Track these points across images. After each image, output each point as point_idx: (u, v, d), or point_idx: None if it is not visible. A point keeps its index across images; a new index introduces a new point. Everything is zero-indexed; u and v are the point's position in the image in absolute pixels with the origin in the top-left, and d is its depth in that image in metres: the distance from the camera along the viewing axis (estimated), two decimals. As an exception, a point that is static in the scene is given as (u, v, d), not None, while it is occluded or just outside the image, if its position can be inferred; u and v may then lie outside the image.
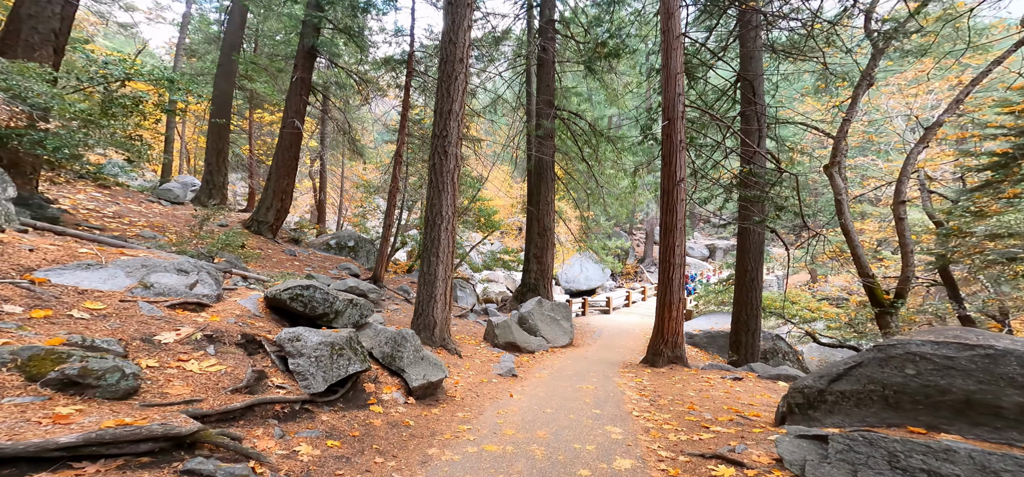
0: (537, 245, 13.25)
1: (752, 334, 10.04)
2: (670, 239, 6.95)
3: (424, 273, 5.87)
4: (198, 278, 3.79)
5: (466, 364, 5.80)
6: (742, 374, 6.36)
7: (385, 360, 3.83)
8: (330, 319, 3.87)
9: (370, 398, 3.37)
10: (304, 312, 3.76)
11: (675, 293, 6.86)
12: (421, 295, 5.87)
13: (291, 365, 2.89)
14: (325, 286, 3.93)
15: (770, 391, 5.30)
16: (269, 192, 10.70)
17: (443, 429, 3.38)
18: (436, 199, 5.92)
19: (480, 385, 5.03)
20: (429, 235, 5.90)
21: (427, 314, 5.82)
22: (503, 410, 4.14)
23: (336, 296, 3.92)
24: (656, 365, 6.88)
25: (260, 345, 3.06)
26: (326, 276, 8.30)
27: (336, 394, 3.07)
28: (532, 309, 8.87)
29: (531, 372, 6.21)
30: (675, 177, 7.11)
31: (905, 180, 7.86)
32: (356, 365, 3.20)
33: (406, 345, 3.90)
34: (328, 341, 3.05)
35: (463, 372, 5.43)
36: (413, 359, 3.88)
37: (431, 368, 3.97)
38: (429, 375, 3.86)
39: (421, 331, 5.84)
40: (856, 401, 3.00)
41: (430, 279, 5.83)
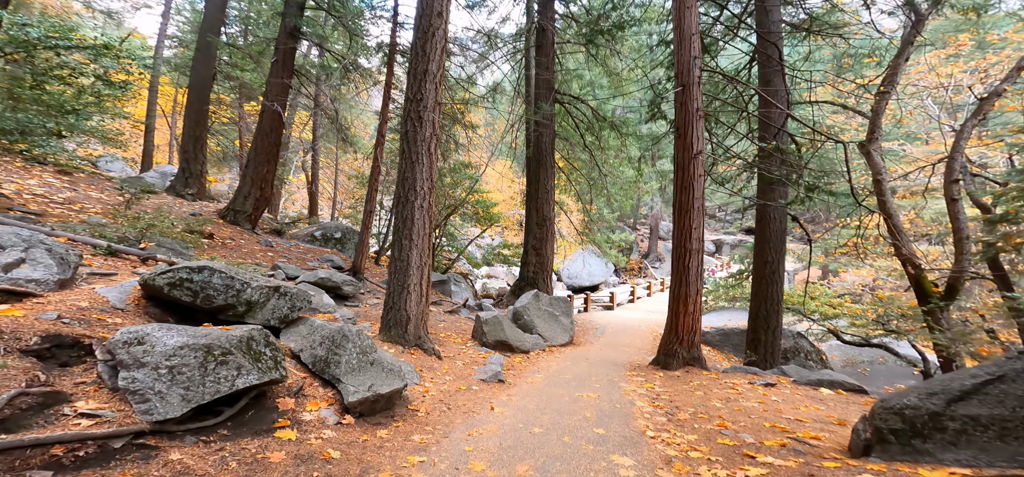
0: (536, 236, 12.20)
1: (773, 332, 8.93)
2: (686, 221, 5.87)
3: (394, 259, 4.86)
4: (25, 256, 2.80)
5: (444, 368, 4.78)
6: (773, 378, 5.27)
7: (317, 366, 2.83)
8: (239, 313, 2.87)
9: (280, 419, 2.37)
10: (194, 303, 2.76)
11: (692, 284, 5.78)
12: (391, 286, 4.86)
13: (121, 381, 1.89)
14: (230, 271, 2.89)
15: (816, 402, 4.21)
16: (246, 180, 9.76)
17: (383, 463, 2.37)
18: (409, 172, 4.90)
19: (456, 395, 4.00)
20: (400, 214, 4.88)
21: (398, 308, 4.81)
22: (478, 430, 3.11)
23: (246, 283, 2.91)
24: (669, 367, 5.81)
25: (88, 352, 2.07)
26: (295, 267, 7.33)
27: (218, 417, 2.08)
28: (527, 303, 7.83)
29: (522, 376, 5.17)
30: (691, 149, 6.02)
31: (958, 156, 6.69)
32: (253, 376, 2.20)
33: (346, 347, 2.89)
34: (201, 344, 2.04)
35: (438, 378, 4.42)
36: (356, 365, 2.87)
37: (383, 376, 2.96)
38: (379, 385, 2.85)
39: (391, 328, 4.83)
40: (999, 431, 1.93)
41: (401, 267, 4.82)
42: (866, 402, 4.28)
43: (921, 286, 6.70)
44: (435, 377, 4.41)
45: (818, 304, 12.46)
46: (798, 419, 3.55)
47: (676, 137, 6.33)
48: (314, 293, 5.58)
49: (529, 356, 6.53)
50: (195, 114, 10.78)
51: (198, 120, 10.82)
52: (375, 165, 8.02)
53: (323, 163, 20.66)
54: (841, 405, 4.12)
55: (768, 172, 7.24)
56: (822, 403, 4.16)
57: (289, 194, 23.54)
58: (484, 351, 6.01)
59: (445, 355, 5.47)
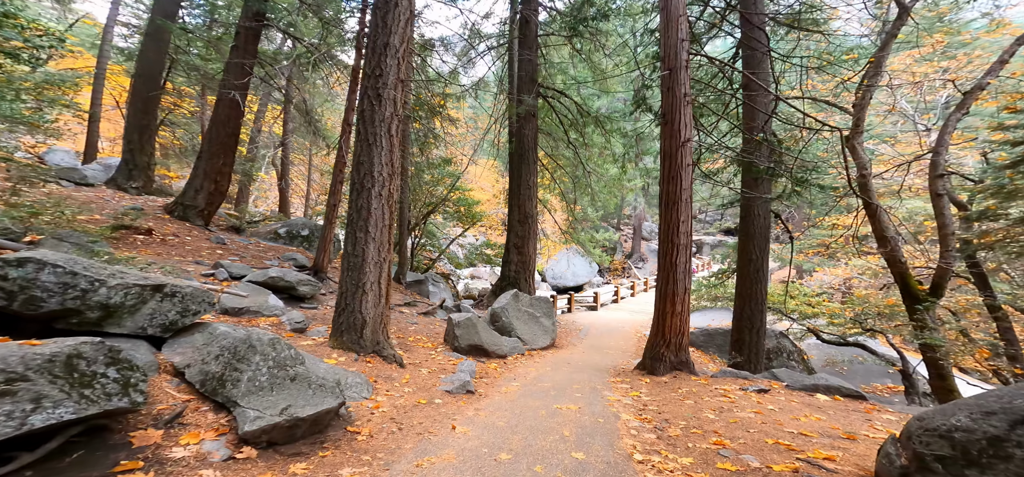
0: (518, 234, 11.66)
1: (757, 332, 8.63)
2: (673, 214, 5.43)
3: (348, 255, 4.20)
4: None
5: (404, 377, 4.15)
6: (765, 383, 4.86)
7: (207, 386, 2.18)
8: (90, 320, 2.16)
9: (128, 460, 1.72)
10: (9, 307, 1.97)
11: (679, 281, 5.34)
12: (344, 285, 4.20)
13: None
14: (75, 265, 2.14)
15: (815, 410, 3.79)
16: (198, 172, 8.84)
17: (288, 519, 1.76)
18: (365, 156, 4.26)
19: (412, 411, 3.39)
20: (355, 204, 4.23)
21: (352, 311, 4.16)
22: (430, 459, 2.52)
23: (99, 281, 2.18)
24: (656, 372, 5.35)
25: None
26: (243, 266, 6.53)
27: (7, 465, 1.43)
28: (506, 304, 7.26)
29: (495, 386, 4.59)
30: (679, 136, 5.59)
31: (943, 151, 6.51)
32: (64, 409, 1.53)
33: (251, 360, 2.24)
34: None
35: (396, 390, 3.79)
36: (267, 382, 2.23)
37: (306, 395, 2.34)
38: (299, 406, 2.23)
39: (343, 333, 4.17)
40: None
41: (356, 263, 4.17)
42: (867, 409, 3.90)
43: (907, 284, 6.49)
44: (392, 389, 3.78)
45: (797, 303, 12.37)
46: (802, 433, 3.10)
47: (662, 124, 5.90)
48: (256, 294, 4.85)
49: (506, 361, 5.96)
50: (141, 101, 9.77)
51: (145, 108, 9.81)
52: (340, 155, 7.30)
53: (297, 160, 19.58)
54: (842, 414, 3.72)
55: (756, 165, 6.91)
56: (822, 412, 3.75)
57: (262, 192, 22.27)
58: (455, 357, 5.40)
59: (410, 362, 4.84)
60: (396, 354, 4.49)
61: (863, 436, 3.03)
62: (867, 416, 3.66)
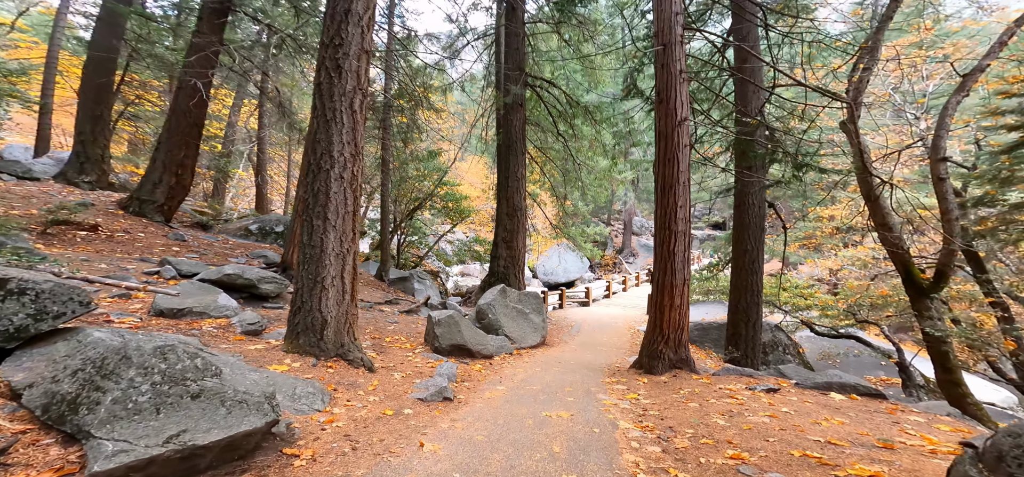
0: (506, 228, 11.13)
1: (753, 325, 8.28)
2: (670, 198, 4.97)
3: (304, 245, 3.62)
4: None
5: (372, 384, 3.59)
6: (772, 381, 4.45)
7: (54, 412, 1.60)
8: None
9: None
10: None
11: (678, 272, 4.88)
12: (301, 281, 3.62)
13: None
14: None
15: (835, 412, 3.37)
16: (156, 165, 8.07)
17: None
18: (322, 134, 3.68)
19: (375, 425, 2.84)
20: (312, 187, 3.65)
21: (309, 309, 3.58)
22: (387, 492, 1.99)
23: None
24: (654, 371, 4.89)
25: None
26: (195, 263, 5.86)
27: None
28: (492, 300, 6.74)
29: (478, 390, 4.06)
30: (675, 115, 5.13)
31: (944, 134, 6.21)
32: None
33: (121, 376, 1.65)
34: None
35: (359, 399, 3.23)
36: (143, 404, 1.65)
37: (211, 416, 1.77)
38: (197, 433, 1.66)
39: (300, 335, 3.59)
40: None
41: (313, 255, 3.58)
42: (889, 409, 3.49)
43: (910, 273, 6.18)
44: (355, 398, 3.22)
45: (789, 295, 12.13)
46: (831, 442, 2.65)
47: (657, 104, 5.43)
48: (202, 294, 4.23)
49: (492, 362, 5.44)
50: (94, 90, 8.94)
51: (98, 97, 8.97)
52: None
53: (277, 156, 18.70)
54: (865, 415, 3.30)
55: (754, 149, 6.52)
56: (842, 414, 3.32)
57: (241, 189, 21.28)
58: (435, 359, 4.85)
59: (383, 365, 4.28)
60: (365, 357, 3.93)
61: (900, 444, 2.60)
62: (893, 418, 3.25)
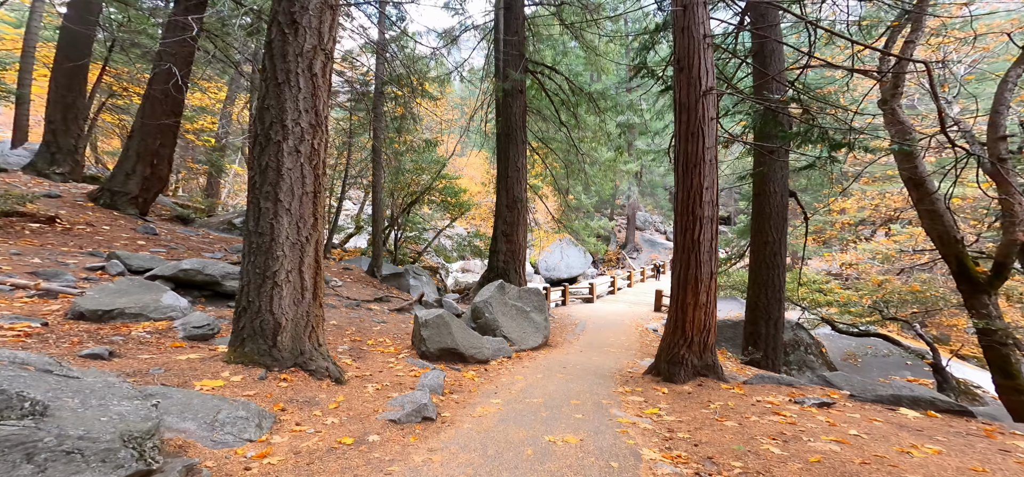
0: (506, 220, 10.41)
1: (775, 324, 7.54)
2: (694, 179, 4.22)
3: (249, 233, 2.91)
4: None
5: (336, 400, 2.89)
6: (820, 392, 3.70)
7: None
8: None
9: None
10: None
11: (703, 265, 4.14)
12: (246, 276, 2.90)
13: None
14: None
15: (919, 436, 2.62)
16: (130, 155, 7.42)
17: None
18: (272, 99, 2.97)
19: (322, 461, 2.13)
20: (258, 163, 2.93)
21: (257, 310, 2.87)
22: None
23: None
24: (675, 379, 4.16)
25: None
26: (150, 257, 5.18)
27: None
28: (489, 298, 6.02)
29: (467, 405, 3.35)
30: (698, 85, 4.38)
31: (1003, 111, 5.38)
32: None
33: None
34: None
35: (313, 423, 2.52)
36: None
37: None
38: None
39: (246, 342, 2.88)
40: None
41: (261, 244, 2.87)
42: (986, 431, 2.75)
43: (963, 266, 5.39)
44: (308, 421, 2.51)
45: (807, 291, 11.33)
46: (943, 491, 1.92)
47: (677, 73, 4.67)
48: (143, 292, 3.54)
49: (487, 368, 4.73)
50: (65, 77, 8.29)
51: (70, 84, 8.33)
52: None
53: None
54: (961, 441, 2.56)
55: (781, 128, 5.74)
56: (931, 439, 2.58)
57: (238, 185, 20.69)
58: (420, 365, 4.15)
59: (358, 374, 3.58)
60: (332, 366, 3.22)
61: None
62: (997, 444, 2.50)
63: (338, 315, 5.73)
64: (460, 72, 13.76)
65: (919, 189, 5.52)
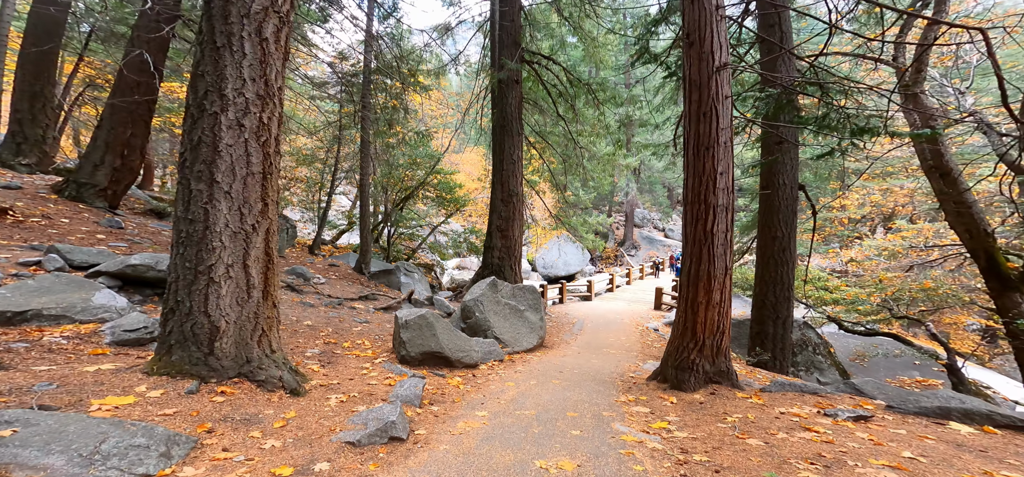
0: (501, 215, 9.92)
1: (783, 323, 7.09)
2: (706, 164, 3.73)
3: (178, 220, 2.40)
4: None
5: (284, 417, 2.39)
6: (849, 401, 3.24)
7: None
8: None
9: None
10: None
11: (717, 259, 3.66)
12: (174, 270, 2.40)
13: None
14: None
15: (994, 462, 2.15)
16: (98, 145, 6.89)
17: None
18: (209, 66, 2.46)
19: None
20: (189, 138, 2.43)
21: (189, 311, 2.37)
22: None
23: None
24: (684, 387, 3.68)
25: None
26: (104, 253, 4.68)
27: None
28: (480, 296, 5.53)
29: (448, 420, 2.87)
30: (711, 60, 3.89)
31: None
32: None
33: None
34: None
35: (243, 448, 2.03)
36: None
37: None
38: None
39: (174, 349, 2.38)
40: None
41: (193, 234, 2.37)
42: (1062, 457, 2.28)
43: (994, 262, 4.93)
44: (240, 446, 2.02)
45: (812, 288, 10.89)
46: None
47: (686, 49, 4.18)
48: (69, 291, 3.04)
49: (476, 374, 4.25)
50: (33, 64, 7.77)
51: (38, 72, 7.80)
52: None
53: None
54: (1038, 471, 2.09)
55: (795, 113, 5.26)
56: (1002, 462, 2.11)
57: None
58: (399, 371, 3.66)
59: (324, 383, 3.09)
60: (288, 375, 2.73)
61: None
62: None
63: (315, 315, 5.24)
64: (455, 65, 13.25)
65: (946, 179, 5.06)
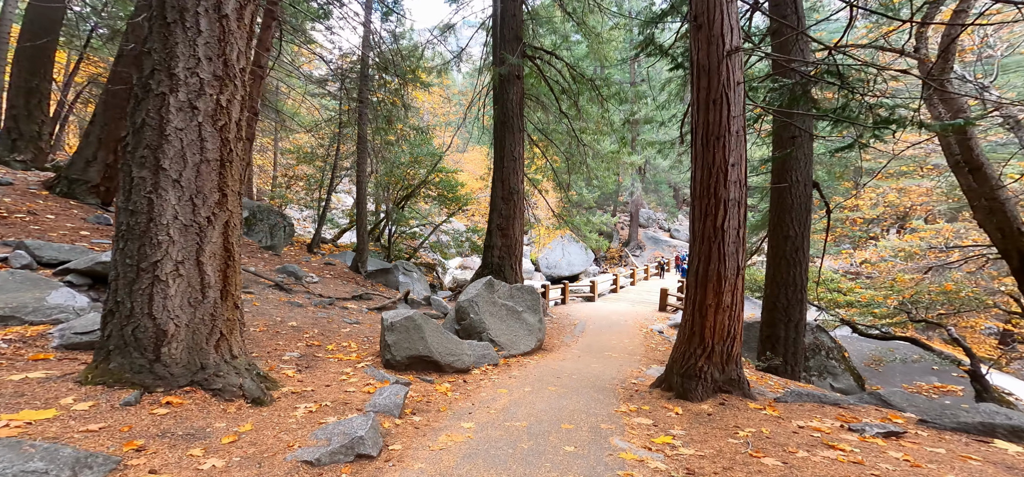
0: (502, 213, 9.62)
1: (796, 326, 6.71)
2: (716, 154, 3.40)
3: (120, 211, 2.14)
4: None
5: (237, 431, 2.11)
6: (875, 413, 2.88)
7: None
8: None
9: None
10: None
11: (728, 258, 3.32)
12: (115, 267, 2.14)
13: None
14: None
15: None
16: (91, 141, 6.75)
17: None
18: (157, 43, 2.20)
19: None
20: (133, 120, 2.17)
21: (131, 313, 2.10)
22: None
23: None
24: (690, 396, 3.35)
25: None
26: (77, 249, 4.48)
27: None
28: (475, 296, 5.24)
29: (429, 433, 2.57)
30: (721, 43, 3.55)
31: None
32: None
33: None
34: None
35: (173, 472, 1.76)
36: None
37: None
38: None
39: (114, 354, 2.11)
40: None
41: (137, 227, 2.10)
42: None
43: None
44: (174, 466, 1.74)
45: (824, 290, 10.42)
46: None
47: (694, 32, 3.84)
48: (27, 289, 2.81)
49: (467, 379, 3.96)
50: (29, 60, 7.68)
51: (34, 68, 7.71)
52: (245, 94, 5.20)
53: (267, 144, 17.44)
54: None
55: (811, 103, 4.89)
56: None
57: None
58: (382, 377, 3.38)
59: (297, 390, 2.82)
60: (250, 383, 2.46)
61: None
62: None
63: (302, 315, 4.99)
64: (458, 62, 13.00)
65: (976, 175, 4.65)
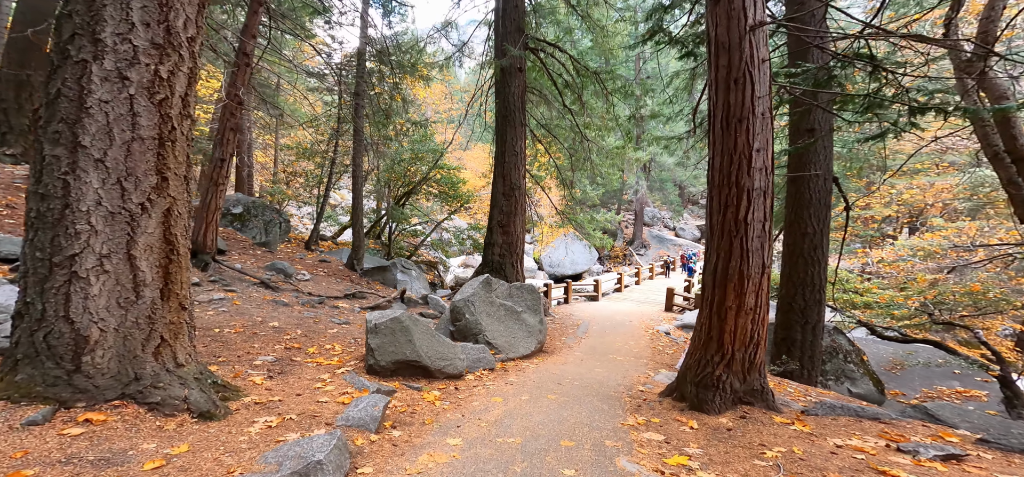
0: (502, 210, 9.25)
1: (813, 329, 6.31)
2: (739, 138, 2.99)
3: (30, 196, 1.80)
4: None
5: (162, 456, 1.78)
6: (922, 430, 2.47)
7: None
8: None
9: None
10: None
11: (752, 254, 2.92)
12: (24, 262, 1.80)
13: None
14: None
15: None
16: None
17: None
18: (81, 5, 1.84)
19: None
20: (47, 90, 1.82)
21: (40, 315, 1.76)
22: None
23: None
24: (706, 408, 2.96)
25: None
26: None
27: None
28: (472, 296, 4.88)
29: (408, 451, 2.21)
30: (743, 17, 3.14)
31: None
32: None
33: None
34: None
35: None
36: None
37: None
38: None
39: (22, 364, 1.78)
40: None
41: (47, 215, 1.76)
42: None
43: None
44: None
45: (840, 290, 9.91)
46: None
47: (712, 6, 3.43)
48: None
49: (459, 386, 3.60)
50: (19, 51, 7.46)
51: (24, 59, 7.49)
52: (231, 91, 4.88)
53: (268, 140, 17.24)
54: None
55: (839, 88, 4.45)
56: None
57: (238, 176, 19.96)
58: (362, 385, 3.03)
59: (261, 400, 2.48)
60: (199, 394, 2.11)
61: None
62: None
63: (287, 315, 4.67)
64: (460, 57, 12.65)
65: (1020, 166, 4.19)
